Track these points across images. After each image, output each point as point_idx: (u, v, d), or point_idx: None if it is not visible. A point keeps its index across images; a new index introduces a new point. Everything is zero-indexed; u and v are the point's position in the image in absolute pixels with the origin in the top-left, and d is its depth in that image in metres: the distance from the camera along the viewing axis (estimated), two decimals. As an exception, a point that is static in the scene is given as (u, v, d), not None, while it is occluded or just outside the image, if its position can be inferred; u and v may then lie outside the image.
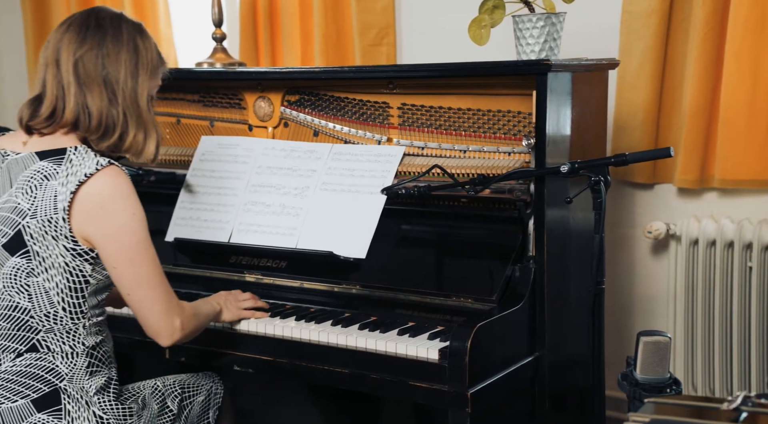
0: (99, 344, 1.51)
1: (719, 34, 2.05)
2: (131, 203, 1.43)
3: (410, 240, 1.91)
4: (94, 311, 1.50)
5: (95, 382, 1.48)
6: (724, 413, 0.86)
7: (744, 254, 2.07)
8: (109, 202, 1.41)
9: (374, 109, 2.03)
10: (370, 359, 1.66)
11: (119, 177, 1.44)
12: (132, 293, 1.46)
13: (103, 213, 1.41)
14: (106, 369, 1.52)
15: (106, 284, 1.50)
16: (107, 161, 1.44)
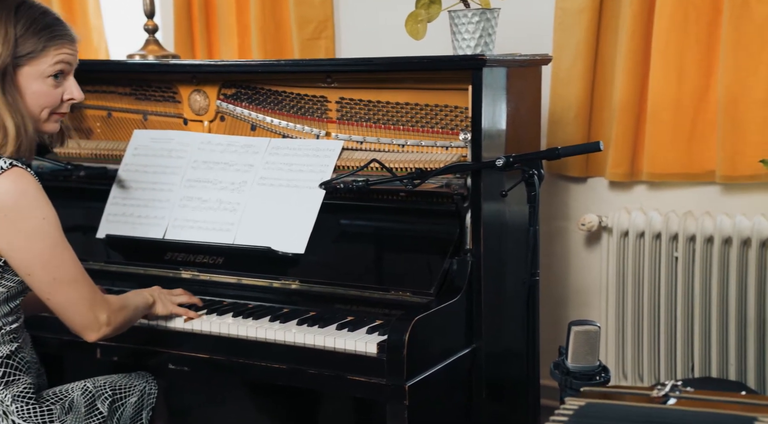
0: (15, 351, 1.45)
1: (646, 32, 2.12)
2: (39, 206, 1.36)
3: (349, 235, 1.91)
4: (6, 318, 1.44)
5: (11, 391, 1.43)
6: (654, 399, 0.89)
7: (670, 245, 2.15)
8: (13, 209, 1.34)
9: (312, 103, 2.02)
10: (309, 354, 1.65)
11: (22, 180, 1.35)
12: (52, 297, 1.41)
13: (7, 221, 1.34)
14: (24, 376, 1.46)
15: (18, 290, 1.44)
16: (8, 163, 1.36)
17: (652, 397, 0.91)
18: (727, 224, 2.09)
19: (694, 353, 2.14)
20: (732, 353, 2.09)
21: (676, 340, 2.16)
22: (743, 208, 2.12)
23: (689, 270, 2.13)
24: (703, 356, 2.13)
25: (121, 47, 2.88)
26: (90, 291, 1.45)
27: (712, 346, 2.11)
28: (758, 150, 2.03)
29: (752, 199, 2.11)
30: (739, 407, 0.86)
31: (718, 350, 2.11)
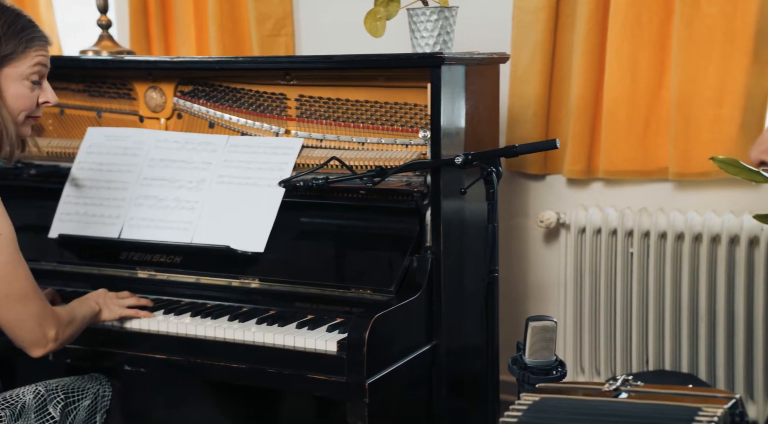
0: None
1: (601, 31, 2.16)
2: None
3: (309, 233, 1.90)
4: None
5: None
6: (606, 394, 0.91)
7: (626, 241, 2.20)
8: None
9: (271, 100, 2.00)
10: (269, 353, 1.64)
11: None
12: (2, 313, 1.39)
13: None
14: None
15: None
16: None
17: (604, 391, 0.93)
18: (679, 220, 2.14)
19: (648, 347, 2.19)
20: (684, 346, 2.14)
21: (632, 334, 2.20)
22: (695, 205, 2.17)
23: (644, 265, 2.18)
24: (657, 350, 2.18)
25: (74, 43, 2.81)
26: (41, 308, 1.43)
27: (666, 339, 2.16)
28: (709, 147, 2.08)
29: (703, 196, 2.17)
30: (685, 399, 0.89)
31: (671, 344, 2.16)
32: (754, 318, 2.08)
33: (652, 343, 2.18)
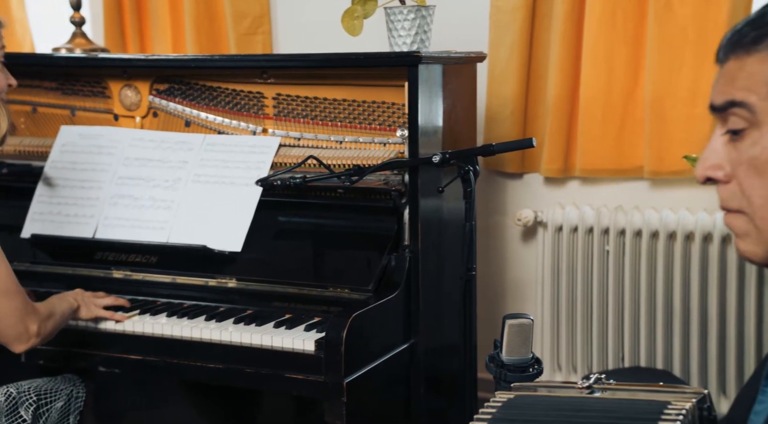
0: None
1: (577, 31, 2.18)
2: None
3: (287, 232, 1.89)
4: None
5: None
6: (579, 391, 0.92)
7: (602, 239, 2.22)
8: None
9: (248, 99, 1.99)
10: (246, 353, 1.63)
11: None
12: None
13: None
14: None
15: None
16: None
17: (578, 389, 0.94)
18: (654, 218, 2.16)
19: (624, 343, 2.21)
20: (659, 342, 2.17)
21: (608, 331, 2.22)
22: (670, 203, 2.20)
23: (620, 263, 2.20)
24: (632, 346, 2.20)
25: (47, 40, 2.77)
26: (22, 302, 1.41)
27: (641, 336, 2.19)
28: (683, 146, 2.10)
29: (678, 194, 2.19)
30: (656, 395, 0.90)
31: (646, 340, 2.18)
32: (727, 314, 2.11)
33: (628, 340, 2.20)
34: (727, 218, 0.79)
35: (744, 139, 0.75)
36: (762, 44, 0.74)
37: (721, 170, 0.77)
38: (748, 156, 0.75)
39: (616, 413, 0.82)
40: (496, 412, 0.85)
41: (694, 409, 0.83)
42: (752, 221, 0.75)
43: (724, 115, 0.77)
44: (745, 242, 0.77)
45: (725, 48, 0.77)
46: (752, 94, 0.74)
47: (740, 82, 0.75)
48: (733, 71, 0.76)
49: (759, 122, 0.74)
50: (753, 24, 0.75)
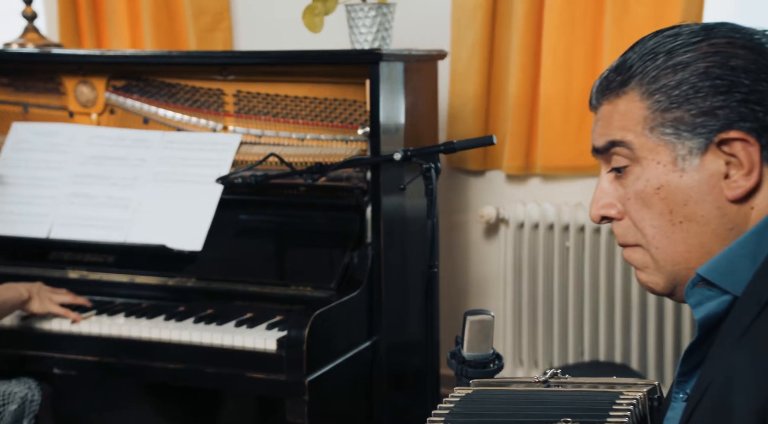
0: None
1: (537, 30, 2.20)
2: None
3: (248, 230, 1.88)
4: None
5: None
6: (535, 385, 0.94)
7: (562, 235, 2.25)
8: None
9: (208, 96, 1.97)
10: (207, 352, 1.62)
11: None
12: None
13: None
14: None
15: None
16: None
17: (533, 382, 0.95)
18: (613, 215, 2.20)
19: (584, 338, 2.25)
20: (618, 336, 2.21)
21: (568, 326, 2.26)
22: (628, 199, 2.24)
23: (580, 259, 2.23)
24: (592, 341, 2.24)
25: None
26: None
27: (600, 331, 2.23)
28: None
29: (636, 191, 2.23)
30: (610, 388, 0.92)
31: (605, 335, 2.22)
32: (681, 308, 2.16)
33: (588, 334, 2.24)
34: (626, 253, 0.82)
35: (628, 175, 0.80)
36: (628, 87, 0.79)
37: (613, 208, 0.81)
38: (633, 191, 0.79)
39: (571, 405, 0.84)
40: (453, 407, 0.86)
41: (645, 399, 0.85)
42: (648, 252, 0.79)
43: (607, 156, 0.81)
44: (646, 274, 0.81)
45: (596, 95, 0.82)
46: (629, 133, 0.78)
47: (616, 123, 0.80)
48: (608, 114, 0.81)
49: (639, 158, 0.78)
50: (617, 70, 0.81)
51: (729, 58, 0.76)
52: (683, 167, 0.76)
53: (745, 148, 0.74)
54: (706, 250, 0.76)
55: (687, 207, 0.76)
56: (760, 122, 0.74)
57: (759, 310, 0.70)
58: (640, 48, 0.80)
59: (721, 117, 0.75)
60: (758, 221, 0.75)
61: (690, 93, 0.76)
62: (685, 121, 0.76)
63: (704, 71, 0.76)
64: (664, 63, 0.77)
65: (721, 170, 0.75)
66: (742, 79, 0.75)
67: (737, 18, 2.34)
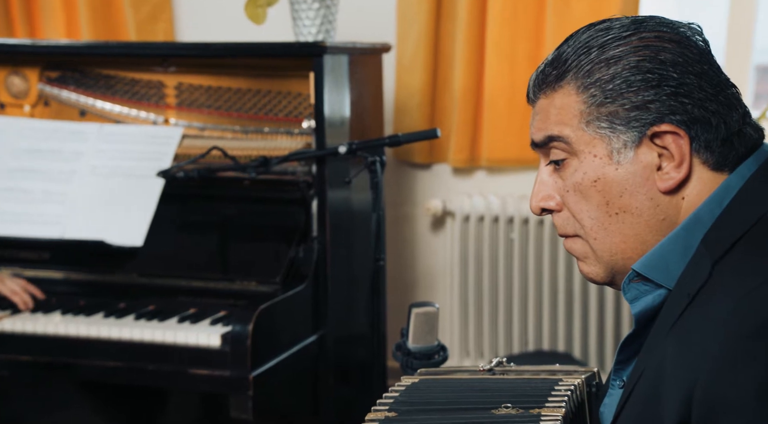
0: None
1: (480, 24, 2.22)
2: None
3: (191, 225, 1.85)
4: None
5: None
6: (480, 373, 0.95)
7: (507, 228, 2.28)
8: None
9: (148, 88, 1.92)
10: (148, 350, 1.59)
11: None
12: None
13: None
14: None
15: None
16: None
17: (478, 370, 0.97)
18: (556, 207, 2.24)
19: (528, 328, 2.29)
20: (561, 326, 2.26)
21: (513, 317, 2.30)
22: (570, 192, 2.28)
23: (524, 251, 2.27)
24: (536, 331, 2.29)
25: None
26: None
27: (544, 321, 2.27)
28: (581, 137, 2.19)
29: (577, 183, 2.28)
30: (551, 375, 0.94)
31: (549, 325, 2.27)
32: (621, 298, 2.22)
33: (532, 324, 2.28)
34: (567, 244, 0.84)
35: (566, 168, 0.81)
36: (564, 81, 0.80)
37: (552, 200, 0.83)
38: (572, 183, 0.81)
39: (512, 391, 0.85)
40: (398, 395, 0.87)
41: (583, 385, 0.88)
42: (587, 243, 0.81)
43: (545, 150, 0.83)
44: (586, 264, 0.82)
45: (533, 89, 0.84)
46: (566, 127, 0.80)
47: (553, 118, 0.81)
48: (545, 108, 0.82)
49: (576, 151, 0.80)
50: (553, 64, 0.82)
51: (658, 52, 0.77)
52: (618, 160, 0.78)
53: (675, 141, 0.76)
54: (641, 240, 0.78)
55: (622, 199, 0.78)
56: (689, 115, 0.76)
57: (687, 303, 0.73)
58: (574, 42, 0.81)
59: (653, 110, 0.77)
60: (689, 212, 0.77)
61: (623, 87, 0.77)
62: (619, 115, 0.77)
63: (635, 65, 0.77)
64: (597, 57, 0.79)
65: (654, 162, 0.77)
66: (671, 72, 0.77)
67: (674, 12, 2.42)
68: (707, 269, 0.73)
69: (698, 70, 0.78)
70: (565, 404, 0.79)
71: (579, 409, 0.86)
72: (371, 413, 0.83)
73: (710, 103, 0.77)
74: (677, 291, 0.76)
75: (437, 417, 0.81)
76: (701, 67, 0.78)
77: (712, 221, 0.76)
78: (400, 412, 0.82)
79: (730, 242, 0.74)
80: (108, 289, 1.78)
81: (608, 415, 0.82)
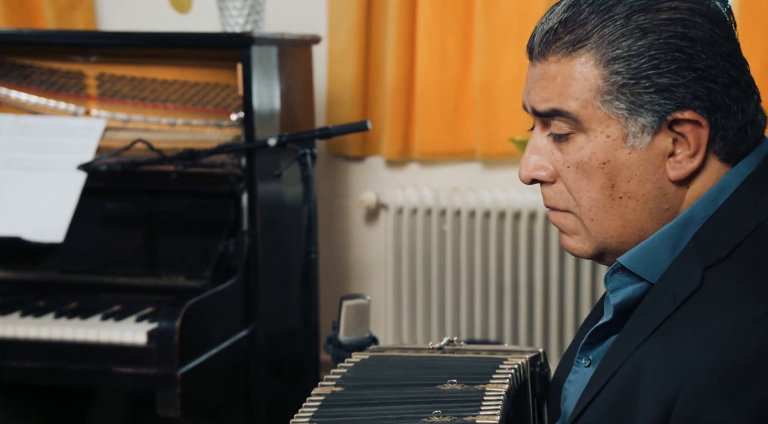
0: None
1: (411, 17, 2.23)
2: None
3: (116, 219, 1.80)
4: None
5: None
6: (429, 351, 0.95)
7: (440, 220, 2.31)
8: None
9: (68, 78, 1.86)
10: (69, 349, 1.54)
11: None
12: None
13: None
14: None
15: None
16: None
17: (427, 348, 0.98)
18: (487, 199, 2.28)
19: (461, 318, 2.33)
20: (492, 316, 2.31)
21: (446, 308, 2.33)
22: (500, 184, 2.33)
23: (456, 243, 2.30)
24: (469, 321, 2.33)
25: None
26: None
27: (476, 311, 2.31)
28: (511, 129, 2.23)
29: (507, 176, 2.33)
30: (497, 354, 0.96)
31: (480, 315, 2.31)
32: (550, 288, 2.28)
33: (465, 315, 2.32)
34: (555, 217, 0.77)
35: (569, 142, 0.73)
36: (584, 48, 0.72)
37: (545, 171, 0.75)
38: (575, 159, 0.73)
39: (459, 369, 0.85)
40: (347, 371, 0.86)
41: (527, 364, 0.88)
42: (581, 221, 0.75)
43: (546, 120, 0.75)
44: (574, 240, 0.77)
45: (542, 45, 0.73)
46: (577, 102, 0.72)
47: (563, 89, 0.72)
48: (553, 75, 0.73)
49: (586, 129, 0.72)
50: (568, 24, 0.72)
51: (690, 28, 0.70)
52: (633, 144, 0.71)
53: (694, 130, 0.71)
54: (640, 227, 0.73)
55: (630, 184, 0.72)
56: (712, 101, 0.71)
57: (674, 308, 0.69)
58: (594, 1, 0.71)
59: (678, 95, 0.70)
60: (690, 203, 0.73)
61: (650, 67, 0.70)
62: (641, 97, 0.70)
63: (664, 42, 0.70)
64: (624, 25, 0.70)
65: (669, 148, 0.71)
66: (700, 53, 0.70)
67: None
68: (698, 274, 0.69)
69: (726, 51, 0.71)
70: (509, 381, 0.80)
71: (522, 387, 0.86)
72: (318, 387, 0.83)
73: (733, 88, 0.71)
74: (661, 287, 0.72)
75: (383, 391, 0.81)
76: (729, 47, 0.72)
77: (704, 220, 0.72)
78: (347, 387, 0.82)
79: (725, 249, 0.70)
80: (26, 287, 1.71)
81: (573, 391, 0.81)
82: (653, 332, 0.70)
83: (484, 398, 0.77)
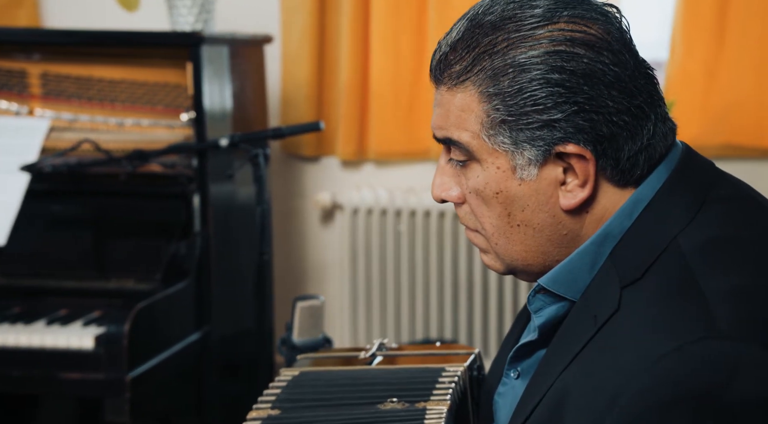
0: None
1: (365, 16, 2.23)
2: None
3: (62, 222, 1.75)
4: None
5: None
6: (363, 360, 0.95)
7: (395, 220, 2.32)
8: None
9: (9, 77, 1.80)
10: (12, 355, 1.50)
11: None
12: None
13: None
14: None
15: None
16: None
17: (361, 358, 0.97)
18: (441, 198, 2.30)
19: (416, 317, 2.34)
20: (447, 314, 2.32)
21: (402, 308, 2.33)
22: (455, 184, 2.34)
23: (412, 243, 2.31)
24: (424, 320, 2.34)
25: None
26: None
27: (431, 310, 2.33)
28: (464, 130, 2.25)
29: (462, 175, 2.35)
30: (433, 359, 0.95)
31: (436, 314, 2.33)
32: (504, 288, 2.31)
33: (420, 314, 2.33)
34: (469, 235, 0.80)
35: (467, 169, 0.75)
36: (468, 81, 0.72)
37: (452, 191, 0.78)
38: (473, 186, 0.75)
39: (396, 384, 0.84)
40: (280, 392, 0.85)
41: (466, 372, 0.88)
42: (488, 242, 0.78)
43: (447, 146, 0.77)
44: (487, 257, 0.79)
45: (436, 70, 0.75)
46: (466, 134, 0.73)
47: (453, 119, 0.74)
48: (445, 104, 0.74)
49: (478, 158, 0.74)
50: (455, 52, 0.73)
51: (569, 61, 0.70)
52: (521, 176, 0.73)
53: (579, 162, 0.72)
54: (542, 251, 0.75)
55: (524, 213, 0.74)
56: (597, 132, 0.71)
57: (594, 331, 0.70)
58: (480, 30, 0.72)
59: (558, 129, 0.71)
60: (594, 226, 0.74)
61: (528, 104, 0.71)
62: (522, 133, 0.72)
63: (542, 78, 0.70)
64: (502, 61, 0.71)
65: (559, 178, 0.73)
66: (582, 85, 0.70)
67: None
68: (616, 293, 0.70)
69: (611, 79, 0.71)
70: (449, 397, 0.79)
71: (462, 399, 0.86)
72: (253, 411, 0.81)
73: (621, 115, 0.71)
74: (582, 306, 0.73)
75: (323, 413, 0.79)
76: (615, 74, 0.71)
77: (621, 234, 0.73)
78: (283, 409, 0.80)
79: (638, 270, 0.70)
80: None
81: (503, 404, 0.81)
82: (576, 356, 0.71)
83: (425, 417, 0.77)
